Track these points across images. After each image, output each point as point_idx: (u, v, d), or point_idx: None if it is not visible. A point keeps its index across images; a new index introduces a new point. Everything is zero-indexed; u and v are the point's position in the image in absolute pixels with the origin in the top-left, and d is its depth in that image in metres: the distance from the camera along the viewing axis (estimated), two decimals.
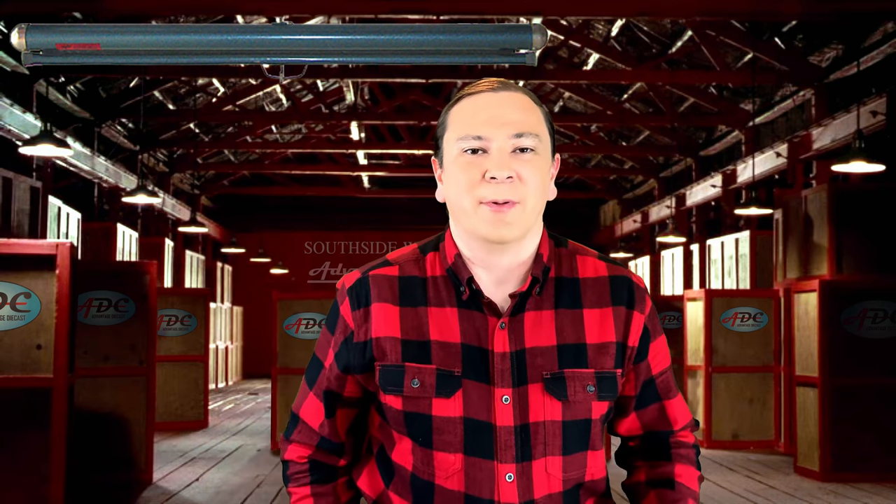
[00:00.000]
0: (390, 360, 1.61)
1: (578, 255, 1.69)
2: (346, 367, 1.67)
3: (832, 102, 10.82)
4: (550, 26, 11.66)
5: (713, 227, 15.32)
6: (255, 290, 21.53)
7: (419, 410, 1.60)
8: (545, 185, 1.62)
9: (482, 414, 1.58)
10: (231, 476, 7.92)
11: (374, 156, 18.67)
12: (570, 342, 1.62)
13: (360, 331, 1.64)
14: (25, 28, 4.59)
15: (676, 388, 1.76)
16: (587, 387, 1.60)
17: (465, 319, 1.61)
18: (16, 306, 5.65)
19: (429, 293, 1.64)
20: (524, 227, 1.59)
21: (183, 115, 14.60)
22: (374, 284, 1.65)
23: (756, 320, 9.95)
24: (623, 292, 1.66)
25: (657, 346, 1.71)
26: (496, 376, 1.59)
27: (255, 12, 9.78)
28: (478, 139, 1.58)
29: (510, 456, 1.58)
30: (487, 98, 1.62)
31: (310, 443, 1.72)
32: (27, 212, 9.32)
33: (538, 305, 1.62)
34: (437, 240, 1.70)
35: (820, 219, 8.88)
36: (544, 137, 1.62)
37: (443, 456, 1.60)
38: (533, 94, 1.67)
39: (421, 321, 1.62)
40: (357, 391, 1.69)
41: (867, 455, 7.88)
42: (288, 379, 9.40)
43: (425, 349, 1.60)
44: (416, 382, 1.59)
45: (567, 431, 1.60)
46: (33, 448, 5.61)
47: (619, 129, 16.96)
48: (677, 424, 1.75)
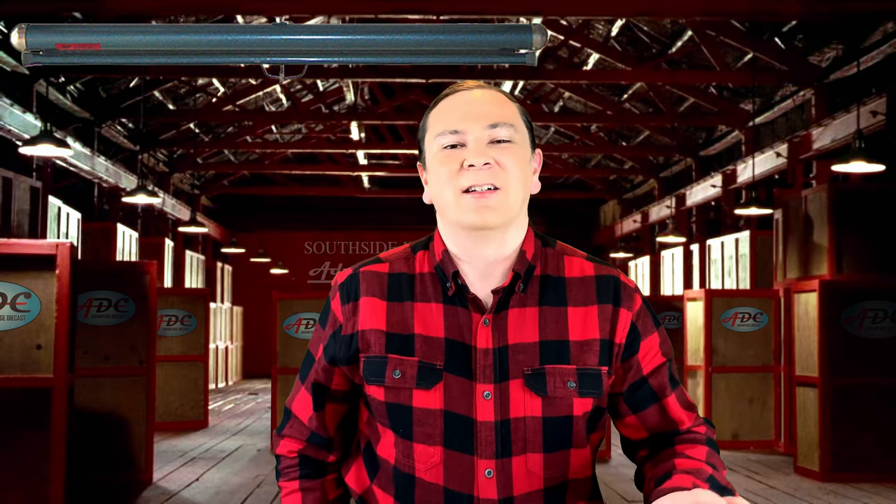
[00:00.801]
0: (374, 351, 1.65)
1: (566, 255, 1.71)
2: (333, 358, 1.70)
3: (832, 102, 10.82)
4: (550, 26, 11.66)
5: (713, 227, 15.32)
6: (255, 290, 21.53)
7: (400, 401, 1.62)
8: (526, 175, 1.65)
9: (462, 408, 1.60)
10: (231, 476, 7.92)
11: (374, 156, 18.67)
12: (552, 339, 1.63)
13: (347, 324, 1.68)
14: (25, 28, 4.59)
15: (674, 388, 1.71)
16: (568, 382, 1.61)
17: (449, 315, 1.64)
18: (16, 306, 5.65)
19: (416, 289, 1.67)
20: (507, 214, 1.62)
21: (183, 115, 14.60)
22: (364, 280, 1.69)
23: (756, 320, 9.94)
24: (609, 290, 1.67)
25: (648, 343, 1.69)
26: (478, 372, 1.61)
27: (255, 12, 9.77)
28: (454, 133, 1.63)
29: (490, 452, 1.59)
30: (463, 97, 1.67)
31: (300, 437, 1.75)
32: (27, 212, 9.32)
33: (522, 303, 1.64)
34: (427, 239, 1.74)
35: (820, 219, 8.88)
36: (521, 129, 1.66)
37: (422, 448, 1.62)
38: (508, 94, 1.72)
39: (406, 315, 1.65)
40: (344, 384, 1.72)
41: (867, 455, 7.88)
42: (288, 379, 9.40)
43: (409, 342, 1.63)
44: (397, 373, 1.62)
45: (548, 428, 1.61)
46: (33, 448, 5.60)
47: (619, 129, 16.96)
48: (683, 425, 1.71)
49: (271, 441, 9.53)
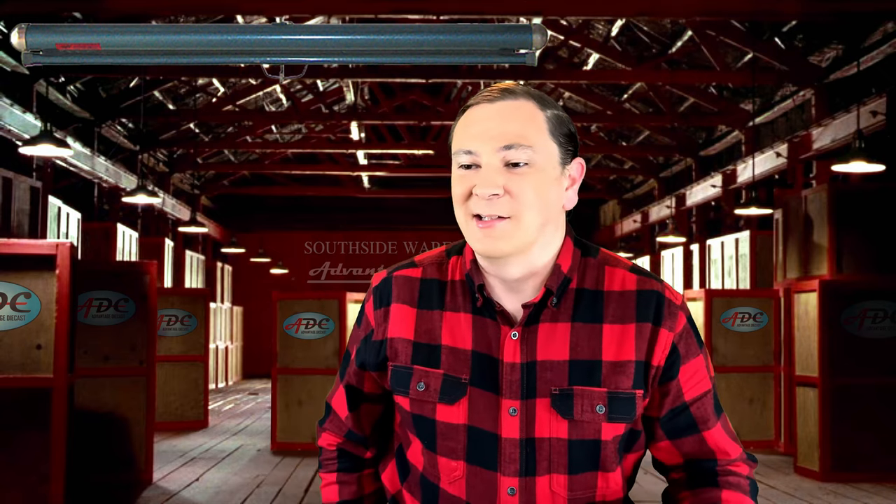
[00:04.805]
0: (401, 360, 1.62)
1: (608, 265, 1.61)
2: (363, 363, 1.69)
3: (832, 102, 10.82)
4: (550, 26, 11.66)
5: (713, 227, 15.32)
6: (255, 290, 21.54)
7: (424, 414, 1.59)
8: (547, 198, 1.54)
9: (487, 424, 1.56)
10: (231, 476, 7.91)
11: (374, 156, 18.66)
12: (583, 358, 1.55)
13: (378, 329, 1.65)
14: (25, 28, 4.59)
15: (718, 418, 1.62)
16: (597, 406, 1.53)
17: (478, 327, 1.58)
18: (16, 306, 5.65)
19: (446, 297, 1.62)
20: (519, 242, 1.52)
21: (183, 115, 14.59)
22: (396, 285, 1.65)
23: (756, 320, 9.94)
24: (650, 308, 1.57)
25: (691, 367, 1.59)
26: (504, 387, 1.55)
27: (255, 12, 9.77)
28: (468, 154, 1.54)
29: (513, 469, 1.55)
30: (482, 110, 1.55)
31: (339, 432, 1.76)
32: (27, 212, 9.32)
33: (554, 318, 1.56)
34: (462, 243, 1.66)
35: (820, 219, 8.88)
36: (544, 147, 1.53)
37: (445, 461, 1.59)
38: (543, 96, 1.59)
39: (434, 325, 1.61)
40: (376, 388, 1.71)
41: (867, 455, 7.88)
42: (288, 379, 9.41)
43: (436, 353, 1.59)
44: (421, 386, 1.59)
45: (573, 451, 1.55)
46: (33, 448, 5.60)
47: (619, 129, 16.96)
48: (720, 455, 1.63)
49: (271, 441, 9.53)
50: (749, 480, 1.63)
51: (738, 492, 1.60)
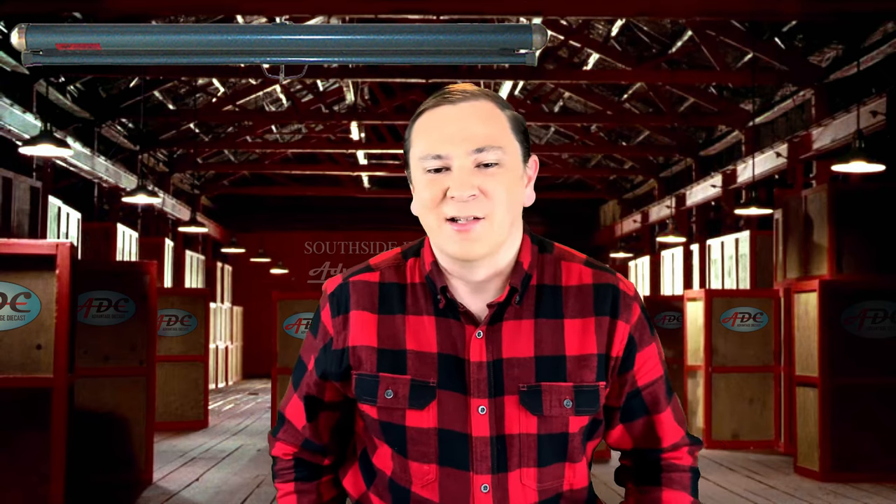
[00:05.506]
0: (366, 369, 1.60)
1: (564, 260, 1.63)
2: (324, 373, 1.66)
3: (832, 102, 10.82)
4: (550, 26, 11.65)
5: (713, 227, 15.32)
6: (255, 290, 21.54)
7: (393, 421, 1.58)
8: (515, 196, 1.56)
9: (457, 424, 1.56)
10: (231, 476, 7.92)
11: (374, 156, 18.67)
12: (548, 354, 1.57)
13: (338, 338, 1.63)
14: (25, 28, 4.59)
15: (669, 402, 1.68)
16: (564, 401, 1.56)
17: (442, 328, 1.58)
18: (16, 306, 5.65)
19: (407, 301, 1.61)
20: (492, 242, 1.54)
21: (183, 115, 14.60)
22: (355, 291, 1.63)
23: (756, 320, 9.95)
24: (607, 301, 1.60)
25: (645, 355, 1.64)
26: (472, 386, 1.56)
27: (255, 12, 9.78)
28: (438, 158, 1.53)
29: (486, 467, 1.56)
30: (446, 112, 1.55)
31: (295, 442, 1.73)
32: (27, 212, 9.32)
33: (517, 315, 1.58)
34: (418, 245, 1.66)
35: (820, 219, 8.88)
36: (510, 147, 1.56)
37: (417, 466, 1.58)
38: (499, 97, 1.60)
39: (398, 330, 1.60)
40: (337, 396, 1.69)
41: (867, 455, 7.88)
42: (288, 379, 9.37)
43: (401, 359, 1.58)
44: (389, 393, 1.58)
45: (542, 445, 1.57)
46: (33, 448, 5.61)
47: (619, 129, 16.96)
48: (665, 442, 1.68)
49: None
50: (690, 473, 1.69)
51: (678, 489, 1.67)
